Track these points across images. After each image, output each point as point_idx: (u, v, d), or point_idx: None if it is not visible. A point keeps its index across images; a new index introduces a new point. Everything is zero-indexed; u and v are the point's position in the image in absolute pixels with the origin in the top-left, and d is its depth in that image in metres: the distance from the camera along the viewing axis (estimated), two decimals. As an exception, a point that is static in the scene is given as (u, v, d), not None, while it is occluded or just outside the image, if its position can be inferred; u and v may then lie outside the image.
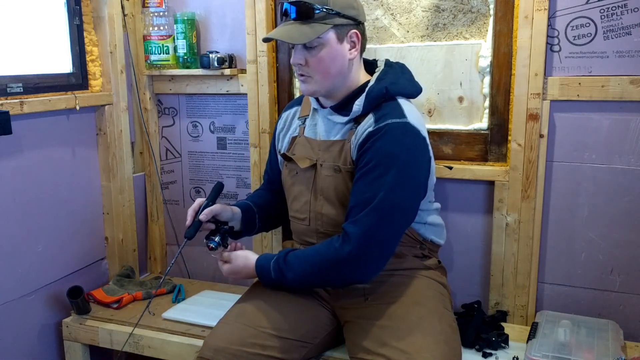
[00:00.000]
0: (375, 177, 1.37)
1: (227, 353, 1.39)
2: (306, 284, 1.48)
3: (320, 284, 1.50)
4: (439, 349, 1.33)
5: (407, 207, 1.43)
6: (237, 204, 1.66)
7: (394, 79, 1.48)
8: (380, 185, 1.36)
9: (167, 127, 2.22)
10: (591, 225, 1.72)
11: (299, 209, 1.57)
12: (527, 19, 1.65)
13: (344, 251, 1.37)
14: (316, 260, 1.42)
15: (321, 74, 1.44)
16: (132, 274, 2.08)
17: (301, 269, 1.43)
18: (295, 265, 1.44)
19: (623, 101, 1.62)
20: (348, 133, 1.48)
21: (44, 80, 1.83)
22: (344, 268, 1.39)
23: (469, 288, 1.88)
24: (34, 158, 1.80)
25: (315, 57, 1.42)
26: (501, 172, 1.76)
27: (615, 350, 1.51)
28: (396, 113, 1.42)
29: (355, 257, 1.37)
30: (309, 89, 1.48)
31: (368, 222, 1.36)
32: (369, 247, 1.37)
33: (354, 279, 1.44)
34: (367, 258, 1.39)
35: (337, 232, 1.48)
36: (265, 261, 1.49)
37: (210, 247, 1.50)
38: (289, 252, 1.46)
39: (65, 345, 1.87)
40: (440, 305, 1.48)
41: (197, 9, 2.07)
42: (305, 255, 1.44)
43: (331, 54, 1.43)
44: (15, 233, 1.75)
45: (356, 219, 1.37)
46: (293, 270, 1.44)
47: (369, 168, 1.38)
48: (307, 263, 1.43)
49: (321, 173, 1.51)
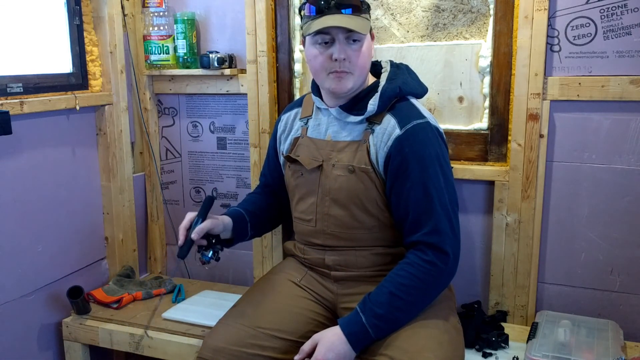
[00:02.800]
0: (425, 182, 1.39)
1: (226, 353, 1.39)
2: (414, 312, 1.39)
3: (428, 303, 1.42)
4: (442, 350, 1.33)
5: (457, 197, 1.47)
6: (228, 212, 1.62)
7: (404, 79, 1.49)
8: (432, 187, 1.38)
9: (167, 127, 2.22)
10: (591, 225, 1.72)
11: (305, 210, 1.56)
12: (527, 19, 1.65)
13: (444, 262, 1.37)
14: (416, 284, 1.36)
15: (360, 69, 1.43)
16: (132, 274, 2.08)
17: (403, 302, 1.35)
18: (396, 302, 1.34)
19: (623, 101, 1.62)
20: (363, 133, 1.47)
21: (44, 80, 1.83)
22: (446, 277, 1.41)
23: (469, 288, 1.88)
24: (34, 158, 1.80)
25: (357, 51, 1.41)
26: (501, 172, 1.76)
27: (615, 350, 1.51)
28: (415, 114, 1.44)
29: (454, 263, 1.41)
30: (346, 86, 1.43)
31: (446, 227, 1.38)
32: (459, 247, 1.42)
33: (449, 283, 1.47)
34: (457, 259, 1.43)
35: (343, 232, 1.48)
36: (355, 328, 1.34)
37: (203, 262, 1.50)
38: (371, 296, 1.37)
39: (65, 345, 1.88)
40: (444, 306, 1.48)
41: (197, 9, 2.07)
42: (399, 286, 1.35)
43: (368, 49, 1.44)
44: (15, 233, 1.75)
45: (433, 228, 1.38)
46: (396, 308, 1.34)
47: (414, 175, 1.39)
48: (407, 292, 1.35)
49: (331, 173, 1.49)
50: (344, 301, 1.53)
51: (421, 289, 1.37)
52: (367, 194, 1.46)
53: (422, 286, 1.37)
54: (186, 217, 1.50)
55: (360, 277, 1.51)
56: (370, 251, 1.50)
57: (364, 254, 1.50)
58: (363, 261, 1.51)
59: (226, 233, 1.57)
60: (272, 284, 1.60)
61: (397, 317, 1.35)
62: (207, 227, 1.47)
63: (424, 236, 1.38)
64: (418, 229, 1.39)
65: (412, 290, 1.36)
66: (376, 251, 1.50)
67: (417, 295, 1.37)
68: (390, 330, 1.35)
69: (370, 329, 1.33)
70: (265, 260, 2.09)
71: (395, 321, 1.36)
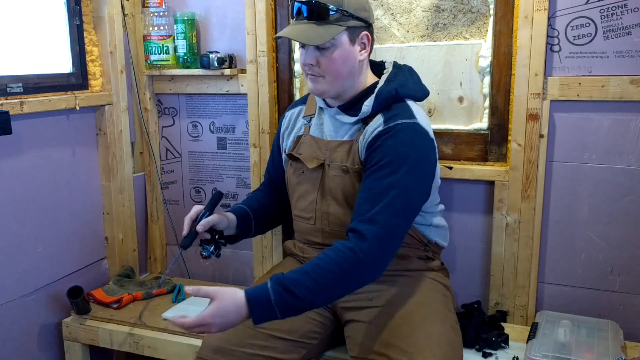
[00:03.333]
0: (386, 175, 1.35)
1: (225, 353, 1.39)
2: (324, 296, 1.31)
3: (341, 291, 1.33)
4: (441, 350, 1.33)
5: (416, 206, 1.42)
6: (233, 209, 1.62)
7: (403, 81, 1.48)
8: (392, 183, 1.34)
9: (167, 127, 2.22)
10: (591, 225, 1.72)
11: (305, 208, 1.56)
12: (527, 19, 1.65)
13: (362, 250, 1.29)
14: (332, 267, 1.27)
15: (332, 75, 1.43)
16: (132, 274, 2.08)
17: (314, 282, 1.26)
18: (306, 280, 1.26)
19: (623, 101, 1.62)
20: (356, 134, 1.48)
21: (44, 80, 1.83)
22: (364, 268, 1.31)
23: (469, 288, 1.88)
24: (34, 158, 1.80)
25: (327, 58, 1.41)
26: (501, 172, 1.76)
27: (615, 350, 1.51)
28: (406, 114, 1.42)
29: (373, 256, 1.31)
30: (319, 88, 1.46)
31: (383, 220, 1.32)
32: (385, 244, 1.34)
33: (370, 279, 1.35)
34: (383, 255, 1.34)
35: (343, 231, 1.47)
36: (258, 290, 1.25)
37: (203, 256, 1.49)
38: (286, 273, 1.28)
39: (65, 345, 1.88)
40: (443, 306, 1.48)
41: (197, 9, 2.07)
42: (314, 265, 1.28)
43: (343, 55, 1.42)
44: (15, 233, 1.75)
45: (369, 217, 1.32)
46: (304, 286, 1.25)
47: (379, 166, 1.37)
48: (320, 273, 1.27)
49: (329, 173, 1.50)
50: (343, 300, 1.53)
51: (335, 273, 1.27)
52: None
53: (337, 271, 1.27)
54: (193, 209, 1.50)
55: None
56: None
57: None
58: None
59: (230, 230, 1.57)
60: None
61: (304, 295, 1.24)
62: (213, 221, 1.47)
63: (357, 223, 1.32)
64: (357, 216, 1.34)
65: (325, 272, 1.26)
66: None
67: (329, 278, 1.27)
68: (293, 307, 1.25)
69: (272, 295, 1.22)
70: (265, 260, 2.09)
71: (300, 299, 1.24)
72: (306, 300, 1.25)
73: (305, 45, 1.43)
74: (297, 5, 1.41)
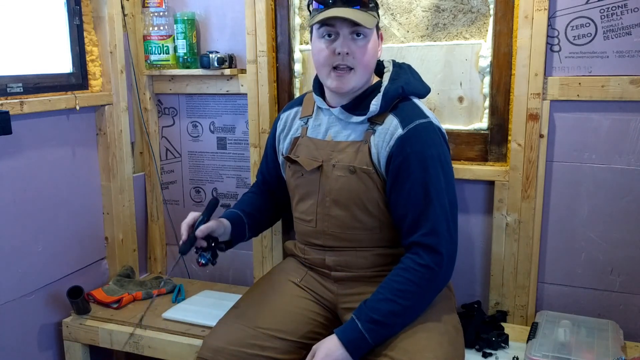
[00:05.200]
0: (425, 181, 1.38)
1: (226, 353, 1.39)
2: (411, 316, 1.38)
3: (425, 306, 1.41)
4: (443, 350, 1.33)
5: (457, 201, 1.46)
6: (226, 214, 1.61)
7: (406, 79, 1.49)
8: (432, 187, 1.37)
9: (167, 127, 2.22)
10: (591, 225, 1.72)
11: (305, 211, 1.56)
12: (527, 19, 1.65)
13: (438, 264, 1.36)
14: (413, 289, 1.35)
15: (364, 66, 1.42)
16: (132, 274, 2.08)
17: (400, 307, 1.34)
18: (393, 308, 1.34)
19: (623, 101, 1.62)
20: (365, 134, 1.47)
21: (44, 80, 1.83)
22: (440, 279, 1.40)
23: (469, 288, 1.88)
24: (34, 158, 1.80)
25: (361, 47, 1.40)
26: (501, 172, 1.76)
27: (615, 350, 1.51)
28: (417, 113, 1.44)
29: (448, 266, 1.39)
30: (348, 84, 1.42)
31: (444, 228, 1.37)
32: (454, 250, 1.41)
33: (445, 284, 1.45)
34: (454, 260, 1.42)
35: (344, 233, 1.48)
36: (354, 334, 1.33)
37: (200, 264, 1.49)
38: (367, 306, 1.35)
39: (65, 345, 1.88)
40: (444, 306, 1.48)
41: (197, 9, 2.07)
42: (395, 291, 1.35)
43: (374, 47, 1.44)
44: (15, 233, 1.75)
45: (431, 228, 1.37)
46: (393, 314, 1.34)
47: (415, 176, 1.38)
48: (403, 297, 1.34)
49: (332, 174, 1.48)
50: (344, 301, 1.53)
51: (417, 293, 1.36)
52: (368, 195, 1.45)
53: (418, 290, 1.36)
54: (189, 215, 1.50)
55: (361, 277, 1.51)
56: (371, 252, 1.50)
57: (365, 255, 1.50)
58: (363, 262, 1.50)
59: (225, 236, 1.56)
60: (272, 284, 1.60)
61: (394, 322, 1.35)
62: (211, 228, 1.48)
63: (421, 237, 1.38)
64: (416, 229, 1.39)
65: (409, 294, 1.35)
66: (377, 252, 1.50)
67: (413, 299, 1.36)
68: (388, 336, 1.35)
69: (367, 334, 1.32)
70: (265, 260, 2.09)
71: (392, 326, 1.35)
72: (397, 325, 1.35)
73: (337, 34, 1.39)
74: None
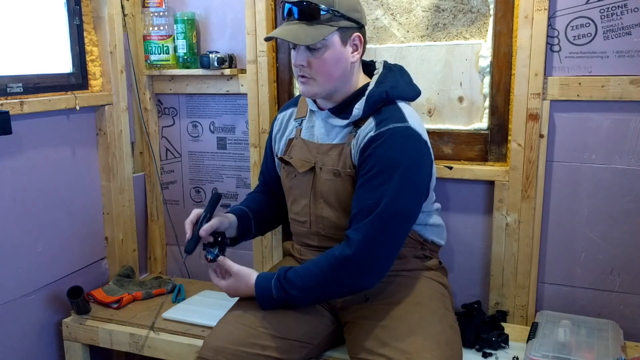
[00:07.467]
0: (378, 184, 1.36)
1: (226, 353, 1.39)
2: (311, 297, 1.44)
3: (325, 295, 1.47)
4: (440, 350, 1.33)
5: (410, 212, 1.43)
6: (232, 209, 1.63)
7: (394, 82, 1.47)
8: (383, 191, 1.36)
9: (167, 127, 2.22)
10: (591, 225, 1.72)
11: (299, 212, 1.57)
12: (527, 19, 1.65)
13: (344, 256, 1.36)
14: (317, 272, 1.40)
15: (323, 76, 1.43)
16: (132, 274, 2.08)
17: (303, 283, 1.41)
18: (297, 281, 1.41)
19: (623, 101, 1.62)
20: (348, 137, 1.47)
21: (44, 80, 1.83)
22: (346, 273, 1.39)
23: (469, 288, 1.88)
24: (34, 158, 1.80)
25: (318, 59, 1.41)
26: (501, 172, 1.76)
27: (615, 350, 1.51)
28: (397, 117, 1.41)
29: (356, 262, 1.37)
30: (310, 90, 1.46)
31: (370, 228, 1.36)
32: (371, 252, 1.37)
33: (356, 286, 1.42)
34: (369, 263, 1.38)
35: (339, 234, 1.48)
36: (265, 281, 1.45)
37: (208, 260, 1.50)
38: (289, 270, 1.44)
39: (65, 345, 1.87)
40: (441, 305, 1.48)
41: (197, 9, 2.07)
42: (306, 269, 1.42)
43: (335, 56, 1.42)
44: (15, 233, 1.75)
45: (359, 225, 1.37)
46: (296, 287, 1.41)
47: (371, 175, 1.38)
48: (308, 276, 1.41)
49: (321, 177, 1.50)
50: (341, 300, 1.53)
51: (320, 279, 1.40)
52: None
53: (322, 276, 1.40)
54: (193, 212, 1.51)
55: None
56: None
57: None
58: None
59: (231, 231, 1.58)
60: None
61: (295, 294, 1.42)
62: (215, 225, 1.49)
63: (351, 231, 1.39)
64: (352, 223, 1.39)
65: (312, 276, 1.41)
66: None
67: (315, 282, 1.40)
68: (287, 303, 1.43)
69: (274, 290, 1.43)
70: (265, 260, 2.09)
71: (292, 297, 1.42)
72: (298, 299, 1.43)
73: (296, 47, 1.43)
74: (288, 6, 1.40)
